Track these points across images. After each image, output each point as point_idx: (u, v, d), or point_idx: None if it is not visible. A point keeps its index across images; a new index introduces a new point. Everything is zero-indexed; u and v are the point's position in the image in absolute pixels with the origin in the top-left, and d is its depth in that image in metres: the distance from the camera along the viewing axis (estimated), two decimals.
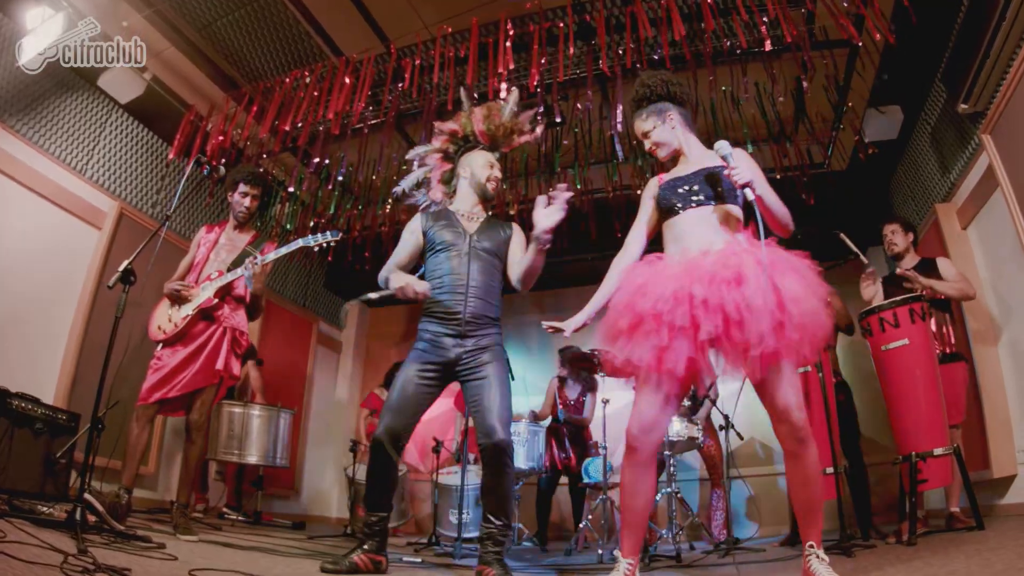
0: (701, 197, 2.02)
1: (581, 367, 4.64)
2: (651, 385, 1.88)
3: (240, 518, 4.54)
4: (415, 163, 2.80)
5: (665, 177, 2.18)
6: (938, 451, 2.98)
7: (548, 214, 2.20)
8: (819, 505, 1.87)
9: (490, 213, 2.67)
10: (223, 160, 4.08)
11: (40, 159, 3.80)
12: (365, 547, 2.34)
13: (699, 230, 2.00)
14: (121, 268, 2.63)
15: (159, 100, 4.09)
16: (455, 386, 2.53)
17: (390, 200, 4.68)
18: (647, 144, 2.21)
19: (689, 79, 3.40)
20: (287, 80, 3.77)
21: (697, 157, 2.14)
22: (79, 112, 4.07)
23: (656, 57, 3.44)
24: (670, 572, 2.82)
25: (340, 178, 4.22)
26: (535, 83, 3.16)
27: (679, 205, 2.05)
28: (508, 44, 3.09)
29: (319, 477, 6.19)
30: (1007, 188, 3.16)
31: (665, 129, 2.16)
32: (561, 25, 3.24)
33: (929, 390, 3.07)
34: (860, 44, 3.29)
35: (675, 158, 2.20)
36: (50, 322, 3.81)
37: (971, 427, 3.45)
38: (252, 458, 4.34)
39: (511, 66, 3.08)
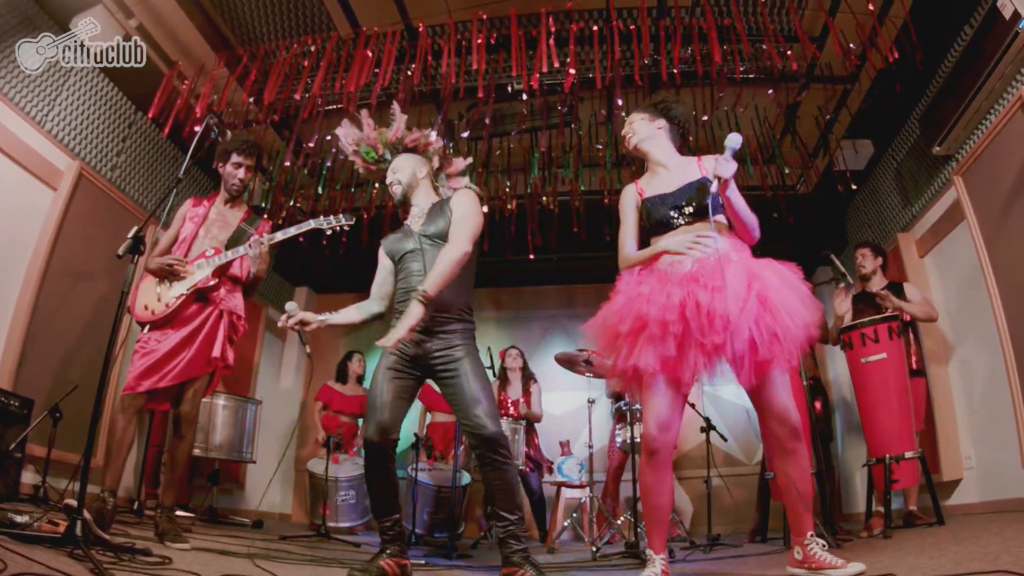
0: (689, 215, 2.08)
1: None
2: (660, 386, 1.94)
3: (194, 516, 4.16)
4: None
5: (646, 190, 2.20)
6: (908, 454, 3.32)
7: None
8: (811, 497, 2.01)
9: (439, 200, 2.54)
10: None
11: None
12: (388, 552, 2.25)
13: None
14: (131, 235, 2.32)
15: None
16: None
17: (376, 183, 4.48)
18: (625, 128, 2.28)
19: (703, 94, 3.56)
20: (294, 46, 3.49)
21: (678, 169, 2.18)
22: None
23: (675, 71, 3.56)
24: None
25: (341, 157, 3.98)
26: (570, 83, 3.16)
27: (666, 225, 2.10)
28: (551, 41, 3.06)
29: (262, 472, 5.80)
30: (974, 226, 3.56)
31: (649, 126, 2.23)
32: (596, 28, 3.27)
33: (901, 400, 3.41)
34: (857, 84, 3.58)
35: (650, 167, 2.25)
36: None
37: (923, 435, 3.85)
38: (217, 452, 4.00)
39: (556, 64, 3.06)
